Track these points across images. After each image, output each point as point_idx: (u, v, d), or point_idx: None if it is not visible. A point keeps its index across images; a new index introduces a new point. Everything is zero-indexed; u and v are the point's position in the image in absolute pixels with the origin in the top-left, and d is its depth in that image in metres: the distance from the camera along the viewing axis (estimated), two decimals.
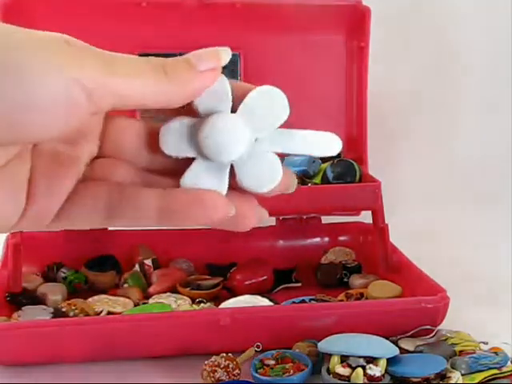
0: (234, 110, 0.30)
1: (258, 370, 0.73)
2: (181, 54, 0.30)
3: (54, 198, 0.30)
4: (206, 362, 0.73)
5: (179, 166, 0.31)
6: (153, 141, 0.31)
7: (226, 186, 0.30)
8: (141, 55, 0.29)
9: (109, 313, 0.86)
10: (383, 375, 0.70)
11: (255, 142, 0.30)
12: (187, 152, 0.30)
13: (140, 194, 0.30)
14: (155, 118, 0.32)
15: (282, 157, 0.31)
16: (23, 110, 0.25)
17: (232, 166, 0.30)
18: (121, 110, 0.28)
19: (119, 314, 0.85)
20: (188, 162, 0.31)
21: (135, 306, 0.88)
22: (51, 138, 0.28)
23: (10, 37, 0.26)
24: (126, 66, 0.28)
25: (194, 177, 0.30)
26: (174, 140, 0.30)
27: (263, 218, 0.32)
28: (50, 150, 0.30)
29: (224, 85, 0.30)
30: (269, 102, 0.31)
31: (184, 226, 0.30)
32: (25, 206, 0.29)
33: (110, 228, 1.01)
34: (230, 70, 0.99)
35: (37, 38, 0.26)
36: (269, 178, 0.31)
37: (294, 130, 0.31)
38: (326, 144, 0.31)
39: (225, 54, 0.30)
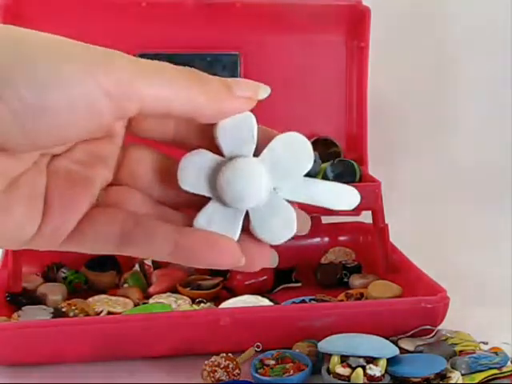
0: (255, 153, 0.30)
1: (258, 370, 0.73)
2: (181, 54, 0.30)
3: (68, 217, 0.29)
4: (206, 362, 0.73)
5: (192, 202, 0.30)
6: (167, 175, 0.31)
7: (239, 232, 0.30)
8: (141, 55, 0.29)
9: (109, 313, 0.86)
10: (383, 375, 0.70)
11: (274, 190, 0.30)
12: (204, 191, 0.29)
13: (156, 228, 0.29)
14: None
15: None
16: (39, 113, 0.25)
17: (247, 212, 0.30)
18: (146, 116, 0.28)
19: (119, 314, 0.85)
20: (202, 199, 0.30)
21: (135, 306, 0.88)
22: (69, 141, 0.27)
23: (25, 38, 0.25)
24: (154, 70, 0.27)
25: (208, 219, 0.29)
26: (192, 176, 0.29)
27: (274, 263, 0.31)
28: (65, 169, 0.29)
29: (251, 124, 0.29)
30: (294, 150, 0.30)
31: (191, 265, 0.30)
32: (40, 222, 0.28)
33: None
34: (230, 70, 0.99)
35: (55, 39, 0.26)
36: (283, 231, 0.30)
37: (317, 180, 0.31)
38: (346, 198, 0.31)
39: (263, 91, 0.30)
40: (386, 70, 1.19)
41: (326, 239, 1.08)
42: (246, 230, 0.30)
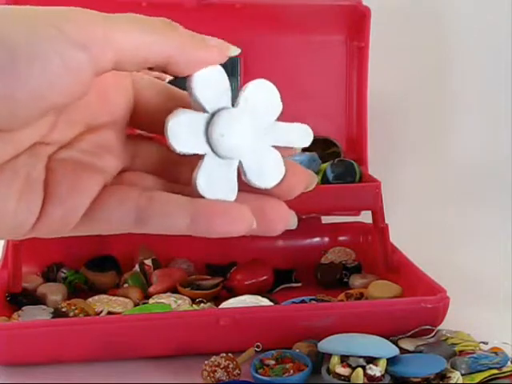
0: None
1: (258, 370, 0.73)
2: None
3: (78, 201, 0.28)
4: (206, 362, 0.73)
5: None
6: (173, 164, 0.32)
7: (236, 181, 0.30)
8: None
9: (109, 313, 0.86)
10: (383, 375, 0.70)
11: (260, 140, 0.31)
12: (198, 149, 0.30)
13: (171, 202, 0.29)
14: None
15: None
16: (13, 78, 0.24)
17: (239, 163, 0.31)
18: (123, 69, 0.27)
19: (119, 314, 0.85)
20: (196, 157, 0.30)
21: (135, 306, 0.89)
22: (53, 106, 0.26)
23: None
24: (126, 18, 0.27)
25: (207, 174, 0.30)
26: (184, 136, 0.29)
27: (294, 224, 0.32)
28: (72, 158, 0.29)
29: (224, 75, 0.30)
30: (266, 95, 0.31)
31: (208, 236, 0.29)
32: (41, 208, 0.28)
33: None
34: (230, 70, 0.99)
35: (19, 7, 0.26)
36: (274, 174, 0.31)
37: (279, 122, 0.31)
38: (305, 135, 0.32)
39: (233, 48, 0.30)
40: (386, 70, 1.19)
41: (326, 239, 1.08)
42: (260, 193, 0.31)
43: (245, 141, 0.30)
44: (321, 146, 1.05)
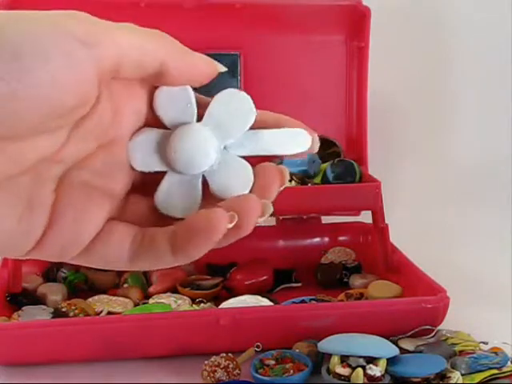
0: (199, 119, 0.30)
1: (258, 370, 0.73)
2: None
3: (81, 232, 0.28)
4: (206, 362, 0.73)
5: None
6: None
7: (200, 196, 0.30)
8: None
9: (109, 313, 0.86)
10: (383, 375, 0.70)
11: (224, 149, 0.30)
12: (157, 166, 0.30)
13: (156, 239, 0.29)
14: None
15: (280, 159, 0.31)
16: (18, 77, 0.24)
17: (204, 176, 0.30)
18: (122, 72, 0.28)
19: (119, 314, 0.85)
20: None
21: (135, 306, 0.88)
22: (56, 106, 0.26)
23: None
24: (128, 26, 0.28)
25: (166, 191, 0.30)
26: (142, 155, 0.30)
27: (269, 210, 0.30)
28: (81, 180, 0.29)
29: (188, 93, 0.30)
30: (234, 106, 0.30)
31: (195, 258, 0.29)
32: (43, 234, 0.28)
33: None
34: (230, 70, 0.99)
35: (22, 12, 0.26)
36: (241, 184, 0.30)
37: (263, 130, 0.31)
38: (295, 141, 0.31)
39: (220, 66, 0.31)
40: (386, 70, 1.19)
41: (326, 239, 1.08)
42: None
43: (203, 156, 0.29)
44: (321, 146, 1.05)
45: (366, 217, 1.04)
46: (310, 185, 0.98)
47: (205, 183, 0.30)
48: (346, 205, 0.99)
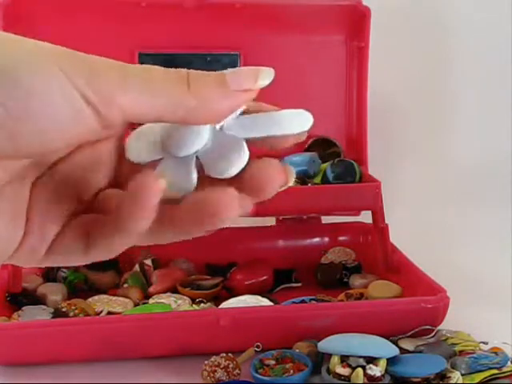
0: None
1: (258, 370, 0.73)
2: (181, 54, 0.29)
3: (45, 235, 0.28)
4: (206, 362, 0.73)
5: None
6: None
7: (195, 177, 0.30)
8: (141, 55, 0.29)
9: (109, 313, 0.86)
10: (383, 375, 0.70)
11: (220, 131, 0.30)
12: (153, 156, 0.30)
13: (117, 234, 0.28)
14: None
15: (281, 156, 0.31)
16: (22, 119, 0.25)
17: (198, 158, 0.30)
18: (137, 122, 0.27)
19: (119, 314, 0.85)
20: None
21: (135, 306, 0.88)
22: (56, 148, 0.27)
23: (7, 45, 0.25)
24: (138, 80, 0.26)
25: (161, 174, 0.29)
26: (138, 147, 0.29)
27: (245, 207, 0.29)
28: (53, 179, 0.29)
29: None
30: None
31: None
32: (22, 236, 0.28)
33: None
34: None
35: (40, 46, 0.26)
36: (236, 160, 0.29)
37: (260, 113, 0.30)
38: (296, 121, 0.30)
39: (266, 75, 0.28)
40: (386, 70, 1.19)
41: (326, 239, 1.08)
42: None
43: (194, 136, 0.29)
44: (321, 146, 1.06)
45: (366, 217, 1.04)
46: (309, 185, 0.98)
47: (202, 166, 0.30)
48: (346, 205, 0.99)
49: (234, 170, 0.29)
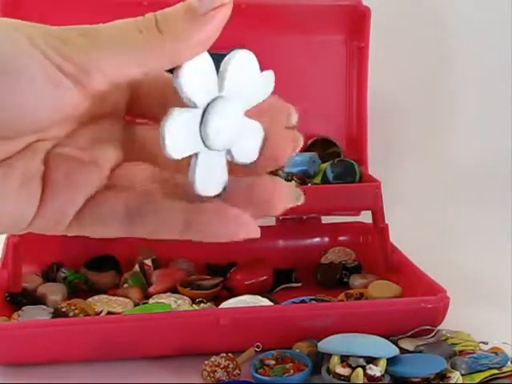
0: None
1: (258, 370, 0.73)
2: None
3: (72, 198, 0.28)
4: (206, 362, 0.73)
5: None
6: None
7: (226, 171, 0.29)
8: None
9: (109, 313, 0.86)
10: (383, 375, 0.70)
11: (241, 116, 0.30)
12: (192, 149, 0.28)
13: (164, 206, 0.28)
14: None
15: None
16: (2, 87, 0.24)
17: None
18: (123, 82, 0.27)
19: (119, 314, 0.85)
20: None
21: (135, 306, 0.88)
22: (42, 126, 0.27)
23: None
24: (110, 39, 0.26)
25: (203, 172, 0.28)
26: (178, 142, 0.28)
27: (299, 199, 0.30)
28: (69, 153, 0.29)
29: (210, 62, 0.28)
30: (249, 70, 0.30)
31: (205, 241, 0.29)
32: (39, 203, 0.28)
33: None
34: None
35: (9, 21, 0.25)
36: (256, 143, 0.30)
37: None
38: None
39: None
40: (385, 70, 1.19)
41: (326, 239, 1.08)
42: (248, 173, 0.30)
43: (235, 129, 0.29)
44: (321, 146, 1.06)
45: (366, 217, 1.04)
46: (310, 185, 0.98)
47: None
48: (346, 205, 0.99)
49: (257, 156, 0.30)
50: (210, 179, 0.29)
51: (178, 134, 0.27)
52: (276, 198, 0.29)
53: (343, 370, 0.70)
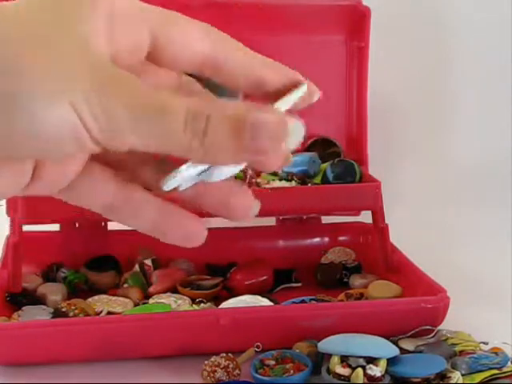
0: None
1: (258, 370, 0.73)
2: None
3: (66, 167, 0.29)
4: (206, 362, 0.73)
5: None
6: None
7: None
8: None
9: (109, 313, 0.86)
10: (383, 375, 0.70)
11: None
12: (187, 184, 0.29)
13: (141, 204, 0.30)
14: None
15: None
16: (22, 135, 0.25)
17: None
18: None
19: (119, 314, 0.85)
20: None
21: (135, 306, 0.88)
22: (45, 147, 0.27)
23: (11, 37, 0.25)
24: (151, 125, 0.25)
25: (180, 180, 0.29)
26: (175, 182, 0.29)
27: (254, 210, 0.30)
28: None
29: None
30: None
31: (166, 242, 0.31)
32: (34, 170, 0.28)
33: (109, 228, 1.01)
34: None
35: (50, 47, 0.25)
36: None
37: None
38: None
39: (295, 131, 0.26)
40: (386, 70, 1.19)
41: (326, 239, 1.08)
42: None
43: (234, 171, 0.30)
44: (321, 146, 1.06)
45: (366, 217, 1.04)
46: (310, 185, 0.98)
47: None
48: (346, 205, 0.99)
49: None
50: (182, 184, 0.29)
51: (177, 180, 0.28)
52: (241, 209, 0.30)
53: (343, 370, 0.70)
